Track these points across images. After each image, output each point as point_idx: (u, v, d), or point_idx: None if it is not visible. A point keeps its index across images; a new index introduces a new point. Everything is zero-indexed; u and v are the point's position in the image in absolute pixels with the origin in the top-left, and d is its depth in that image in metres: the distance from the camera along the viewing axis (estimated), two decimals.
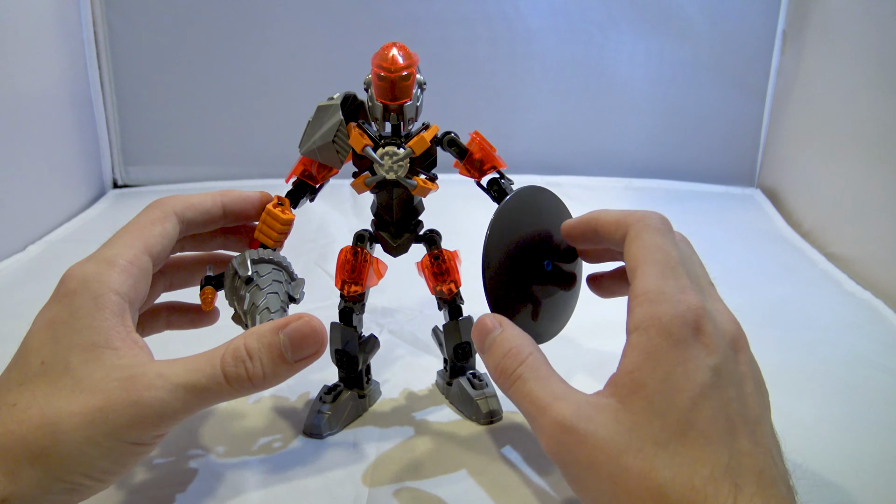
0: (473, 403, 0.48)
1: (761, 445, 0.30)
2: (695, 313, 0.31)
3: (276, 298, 0.38)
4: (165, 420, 0.31)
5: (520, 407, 0.33)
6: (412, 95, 0.42)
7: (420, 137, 0.42)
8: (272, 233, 0.42)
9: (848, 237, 0.85)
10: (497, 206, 0.40)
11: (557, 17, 1.12)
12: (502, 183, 0.44)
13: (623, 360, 0.31)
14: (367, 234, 0.46)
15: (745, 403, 0.30)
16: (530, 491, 0.41)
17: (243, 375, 0.32)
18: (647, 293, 0.32)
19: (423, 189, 0.43)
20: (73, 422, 0.30)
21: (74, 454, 0.30)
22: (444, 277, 0.46)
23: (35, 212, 0.89)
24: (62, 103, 0.98)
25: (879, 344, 0.62)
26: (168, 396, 0.31)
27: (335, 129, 0.42)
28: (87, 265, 0.35)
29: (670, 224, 0.36)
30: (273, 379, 0.33)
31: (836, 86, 0.94)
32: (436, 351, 0.55)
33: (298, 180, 0.44)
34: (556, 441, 0.31)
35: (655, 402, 0.29)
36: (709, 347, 0.30)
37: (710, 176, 1.16)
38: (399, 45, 0.41)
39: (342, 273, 0.46)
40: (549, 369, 0.34)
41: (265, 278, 0.39)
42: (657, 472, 0.28)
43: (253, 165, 1.14)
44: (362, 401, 0.49)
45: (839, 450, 0.46)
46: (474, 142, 0.44)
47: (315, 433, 0.46)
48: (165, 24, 1.08)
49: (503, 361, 0.34)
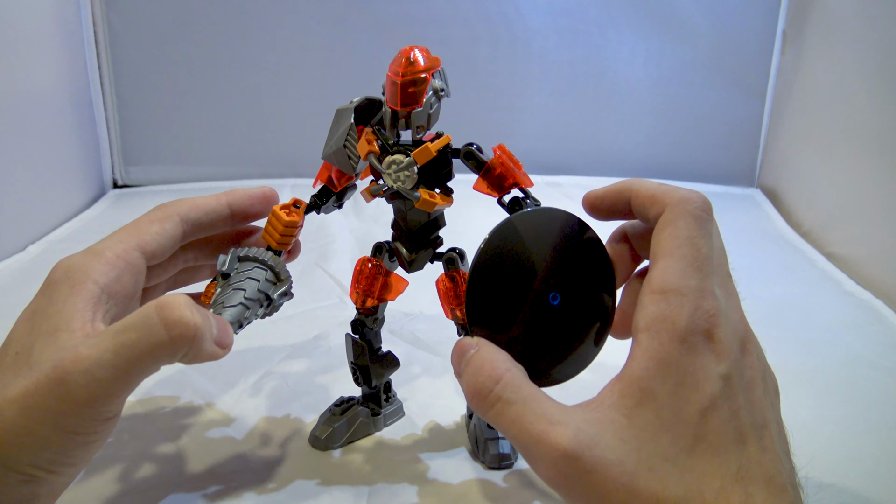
0: (484, 444, 0.44)
1: (769, 451, 0.29)
2: (710, 320, 0.29)
3: (238, 295, 0.36)
4: (95, 397, 0.29)
5: (506, 434, 0.30)
6: (422, 102, 0.39)
7: (425, 147, 0.38)
8: (274, 234, 0.41)
9: (848, 237, 0.85)
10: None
11: (557, 17, 1.12)
12: (527, 203, 0.40)
13: (630, 363, 0.29)
14: (385, 245, 0.44)
15: (753, 409, 0.30)
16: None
17: (189, 320, 0.30)
18: (666, 291, 0.30)
19: (428, 203, 0.39)
20: (12, 410, 0.29)
21: (16, 444, 0.29)
22: (461, 301, 0.41)
23: (35, 212, 0.89)
24: (62, 103, 0.98)
25: (879, 344, 0.62)
26: (93, 366, 0.29)
27: (346, 134, 0.40)
28: (74, 257, 0.35)
29: (711, 208, 0.33)
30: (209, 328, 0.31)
31: (836, 86, 0.94)
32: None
33: (323, 186, 0.43)
34: (557, 473, 0.28)
35: (664, 415, 0.28)
36: (720, 355, 0.29)
37: (710, 176, 1.16)
38: (420, 48, 0.38)
39: (356, 284, 0.44)
40: (530, 387, 0.30)
41: (241, 275, 0.38)
42: (669, 492, 0.27)
43: (253, 165, 1.14)
44: (376, 419, 0.47)
45: (839, 450, 0.45)
46: (497, 157, 0.40)
47: (317, 445, 0.45)
48: (165, 24, 1.08)
49: (477, 380, 0.30)
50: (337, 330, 0.61)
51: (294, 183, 1.10)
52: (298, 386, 0.53)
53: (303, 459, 0.45)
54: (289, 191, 1.05)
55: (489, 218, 0.36)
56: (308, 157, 1.34)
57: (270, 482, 0.42)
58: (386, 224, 0.45)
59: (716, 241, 0.34)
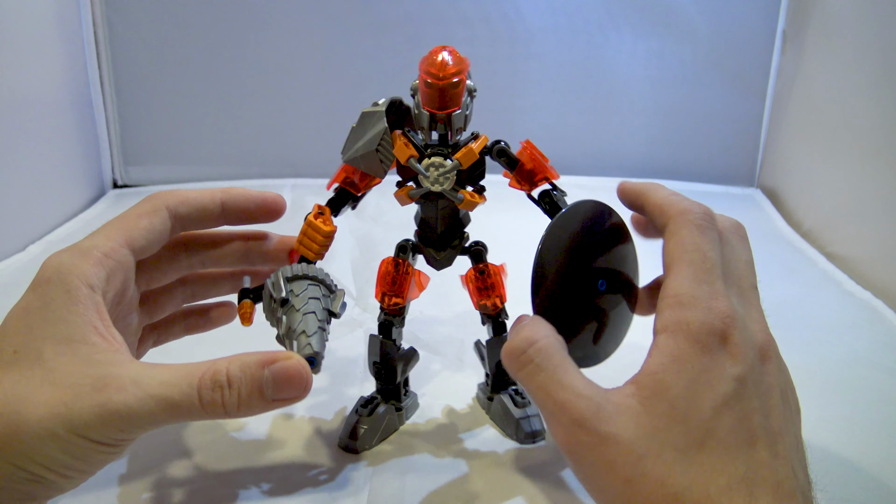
0: (515, 422, 0.46)
1: (781, 457, 0.29)
2: (724, 321, 0.30)
3: (312, 319, 0.36)
4: (132, 426, 0.31)
5: (533, 397, 0.32)
6: (461, 104, 0.39)
7: (469, 149, 0.40)
8: (314, 245, 0.40)
9: (848, 237, 0.85)
10: (550, 218, 0.38)
11: (557, 17, 1.12)
12: (555, 195, 0.41)
13: (648, 361, 0.31)
14: (409, 244, 0.44)
15: (769, 415, 0.30)
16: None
17: (218, 402, 0.31)
18: (679, 296, 0.31)
19: (470, 203, 0.41)
20: (38, 412, 0.29)
21: (34, 444, 0.29)
22: (489, 292, 0.44)
23: (35, 212, 0.89)
24: (62, 103, 0.98)
25: (879, 344, 0.62)
26: (137, 405, 0.30)
27: (379, 138, 0.39)
28: (63, 254, 0.34)
29: (713, 218, 0.35)
30: (246, 412, 0.32)
31: (836, 86, 0.94)
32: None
33: (340, 188, 0.42)
34: (573, 439, 0.30)
35: (678, 406, 0.29)
36: (735, 357, 0.30)
37: (710, 176, 1.16)
38: (450, 48, 0.39)
39: (382, 285, 0.44)
40: (562, 356, 0.32)
41: (301, 297, 0.37)
42: (674, 480, 0.28)
43: (253, 165, 1.14)
44: (399, 414, 0.47)
45: (839, 450, 0.45)
46: (525, 152, 0.41)
47: (351, 448, 0.44)
48: (165, 24, 1.08)
49: (513, 342, 0.33)
50: (338, 328, 0.61)
51: (294, 183, 1.10)
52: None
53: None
54: (289, 191, 1.05)
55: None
56: (308, 157, 1.35)
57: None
58: (386, 224, 0.45)
59: (742, 254, 0.36)
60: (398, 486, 0.42)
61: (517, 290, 0.44)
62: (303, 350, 0.34)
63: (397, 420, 0.47)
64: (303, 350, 0.34)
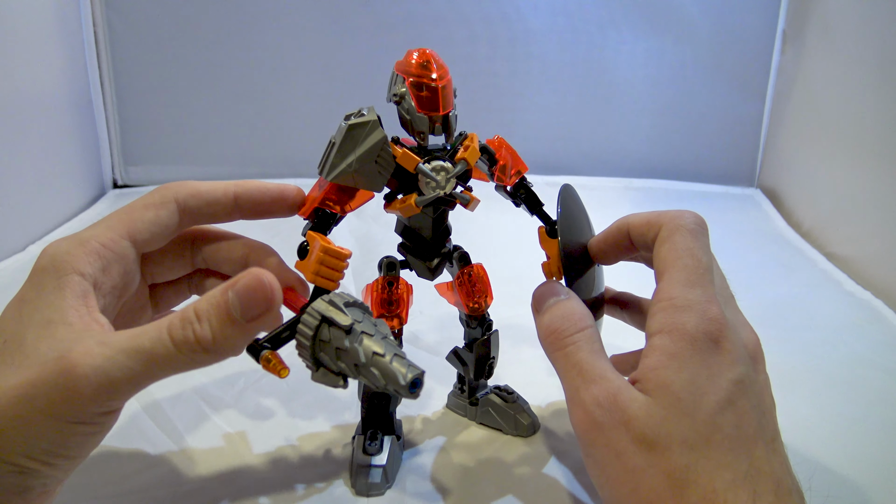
0: (513, 418, 0.46)
1: (779, 455, 0.30)
2: (718, 326, 0.31)
3: (393, 342, 0.33)
4: (103, 391, 0.29)
5: (563, 373, 0.33)
6: (454, 104, 0.39)
7: (472, 148, 0.39)
8: (335, 273, 0.36)
9: (848, 237, 0.85)
10: (529, 208, 0.43)
11: (557, 17, 1.12)
12: (529, 185, 0.43)
13: (644, 361, 0.31)
14: (396, 260, 0.42)
15: (764, 416, 0.31)
16: None
17: (191, 338, 0.30)
18: (673, 299, 0.32)
19: (475, 203, 0.41)
20: (7, 398, 0.28)
21: (9, 433, 0.28)
22: (479, 292, 0.44)
23: (35, 212, 0.89)
24: (62, 103, 0.98)
25: (879, 344, 0.62)
26: (107, 363, 0.29)
27: (378, 149, 0.36)
28: (61, 243, 0.34)
29: (705, 224, 0.36)
30: (224, 342, 0.30)
31: (836, 86, 0.94)
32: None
33: (321, 212, 0.38)
34: (591, 419, 0.31)
35: (683, 399, 0.29)
36: (731, 360, 0.30)
37: (710, 176, 1.16)
38: (430, 50, 0.38)
39: (379, 310, 0.41)
40: (601, 346, 0.34)
41: (364, 323, 0.33)
42: (682, 472, 0.28)
43: (253, 165, 1.14)
44: (399, 443, 0.44)
45: (839, 449, 0.46)
46: (501, 147, 0.41)
47: (375, 492, 0.40)
48: (165, 24, 1.08)
49: (561, 323, 0.34)
50: None
51: (294, 183, 1.09)
52: (298, 385, 0.53)
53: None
54: None
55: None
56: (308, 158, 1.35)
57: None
58: (386, 224, 0.44)
59: (715, 267, 0.36)
60: (399, 489, 0.42)
61: (496, 288, 0.45)
62: (411, 372, 0.31)
63: (399, 449, 0.44)
64: (411, 372, 0.31)
